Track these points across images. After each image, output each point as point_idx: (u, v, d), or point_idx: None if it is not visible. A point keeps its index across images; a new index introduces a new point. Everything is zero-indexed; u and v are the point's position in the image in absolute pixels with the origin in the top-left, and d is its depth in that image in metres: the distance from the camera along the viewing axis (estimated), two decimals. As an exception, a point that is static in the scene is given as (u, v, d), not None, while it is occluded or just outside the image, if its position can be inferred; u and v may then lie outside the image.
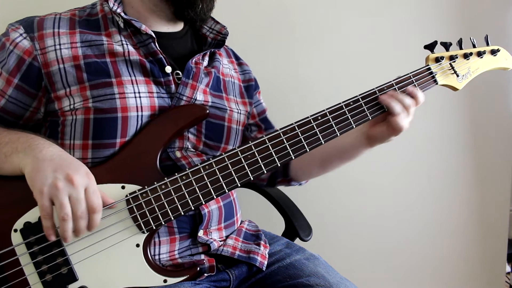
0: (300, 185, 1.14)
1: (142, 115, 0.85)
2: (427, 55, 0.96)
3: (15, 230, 0.76)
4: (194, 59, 0.93)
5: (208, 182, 0.82)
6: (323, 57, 1.53)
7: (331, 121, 0.88)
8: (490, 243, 1.81)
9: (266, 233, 1.07)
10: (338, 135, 0.88)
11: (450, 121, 1.69)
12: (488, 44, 0.99)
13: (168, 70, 0.90)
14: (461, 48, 0.98)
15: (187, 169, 0.82)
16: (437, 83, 0.95)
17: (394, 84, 0.91)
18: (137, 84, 0.87)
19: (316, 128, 0.87)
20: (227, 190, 0.82)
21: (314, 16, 1.51)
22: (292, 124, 0.86)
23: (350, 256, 1.68)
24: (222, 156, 0.83)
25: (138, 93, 0.86)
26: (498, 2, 1.63)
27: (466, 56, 0.97)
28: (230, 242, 0.95)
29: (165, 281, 0.80)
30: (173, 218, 0.80)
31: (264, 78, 1.14)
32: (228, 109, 0.98)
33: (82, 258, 0.78)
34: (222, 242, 0.94)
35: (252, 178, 0.83)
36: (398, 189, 1.69)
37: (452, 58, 0.96)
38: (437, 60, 0.95)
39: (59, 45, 0.85)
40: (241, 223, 1.04)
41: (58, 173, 0.72)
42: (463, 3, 1.61)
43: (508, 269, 1.95)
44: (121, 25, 0.91)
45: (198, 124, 0.92)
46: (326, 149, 0.94)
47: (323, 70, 1.54)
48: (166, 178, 0.81)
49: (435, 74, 0.95)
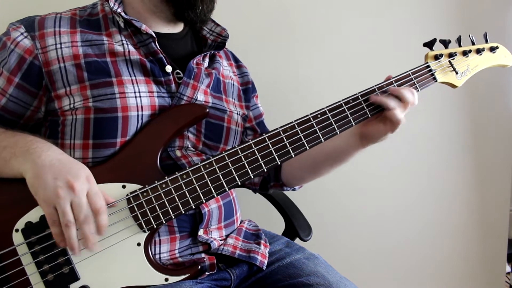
0: (293, 190, 1.13)
1: (142, 115, 0.86)
2: (426, 53, 0.97)
3: (17, 230, 0.76)
4: (195, 60, 0.93)
5: (208, 181, 0.82)
6: (323, 57, 1.53)
7: (331, 119, 0.88)
8: (490, 243, 1.81)
9: (266, 232, 1.08)
10: (338, 133, 0.88)
11: (450, 121, 1.69)
12: (487, 41, 1.00)
13: (168, 69, 0.90)
14: (460, 45, 0.98)
15: (188, 168, 0.82)
16: (436, 81, 0.95)
17: (394, 81, 0.92)
18: (137, 83, 0.87)
19: (316, 126, 0.87)
20: (228, 189, 0.83)
21: (314, 16, 1.51)
22: (292, 122, 0.87)
23: (350, 255, 1.68)
24: (222, 154, 0.83)
25: (139, 92, 0.86)
26: (498, 2, 1.63)
27: (465, 53, 0.97)
28: (230, 241, 0.95)
29: (166, 279, 0.80)
30: (173, 217, 0.80)
31: (264, 79, 1.14)
32: (227, 110, 0.98)
33: (83, 258, 0.78)
34: (223, 241, 0.94)
35: (252, 177, 0.84)
36: (398, 189, 1.69)
37: (451, 55, 0.96)
38: (436, 57, 0.95)
39: (60, 44, 0.86)
40: (241, 223, 1.04)
41: (59, 180, 0.72)
42: (463, 3, 1.61)
43: (508, 269, 1.95)
44: (121, 25, 0.91)
45: (198, 123, 0.93)
46: (317, 153, 0.94)
47: (323, 70, 1.54)
48: (166, 177, 0.81)
49: (434, 72, 0.95)
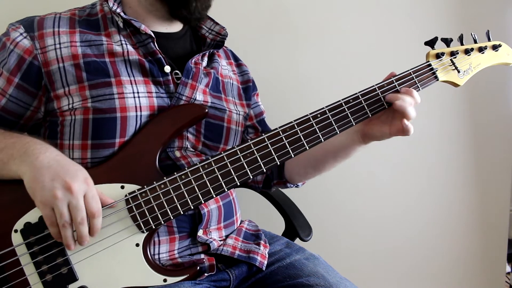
0: (297, 186, 1.13)
1: (141, 115, 0.85)
2: (428, 51, 0.95)
3: (16, 231, 0.76)
4: (193, 59, 0.93)
5: (207, 181, 0.82)
6: (323, 56, 1.53)
7: (331, 118, 0.87)
8: (490, 243, 1.81)
9: (266, 232, 1.07)
10: (338, 133, 0.88)
11: (450, 121, 1.69)
12: (489, 39, 0.98)
13: (167, 69, 0.90)
14: (462, 44, 0.97)
15: (186, 168, 0.82)
16: (437, 79, 0.94)
17: (394, 81, 0.91)
18: (136, 84, 0.87)
19: (315, 125, 0.86)
20: (226, 189, 0.82)
21: (314, 15, 1.51)
22: (291, 122, 0.86)
23: (350, 256, 1.68)
24: (221, 155, 0.83)
25: (137, 93, 0.86)
26: (498, 1, 1.63)
27: (467, 51, 0.96)
28: (230, 241, 0.95)
29: (165, 280, 0.80)
30: (172, 218, 0.80)
31: (263, 78, 1.14)
32: (227, 110, 0.98)
33: (82, 258, 0.78)
34: (222, 242, 0.94)
35: (251, 177, 0.83)
36: (398, 189, 1.69)
37: (453, 54, 0.95)
38: (437, 56, 0.94)
39: (59, 44, 0.86)
40: (241, 223, 1.04)
41: (56, 181, 0.72)
42: (464, 2, 1.61)
43: (508, 269, 1.95)
44: (120, 25, 0.91)
45: (197, 123, 0.93)
46: (319, 150, 0.94)
47: (323, 70, 1.54)
48: (165, 178, 0.81)
49: (436, 70, 0.94)
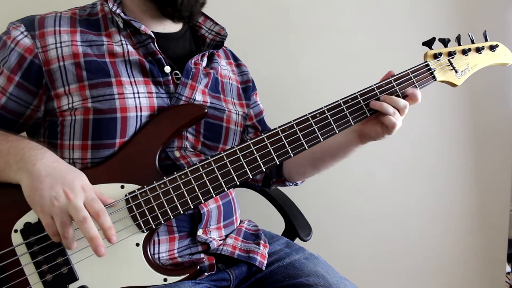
0: (296, 185, 1.14)
1: (141, 115, 0.86)
2: (425, 52, 0.96)
3: (15, 231, 0.76)
4: (193, 60, 0.93)
5: (207, 181, 0.82)
6: (322, 56, 1.53)
7: (329, 118, 0.88)
8: (490, 243, 1.81)
9: (266, 232, 1.08)
10: (337, 133, 0.88)
11: (450, 121, 1.69)
12: (486, 40, 0.99)
13: (167, 70, 0.90)
14: (459, 44, 0.98)
15: (186, 168, 0.82)
16: (435, 80, 0.95)
17: (393, 81, 0.91)
18: (136, 84, 0.87)
19: (314, 125, 0.87)
20: (226, 189, 0.82)
21: (313, 15, 1.51)
22: (290, 122, 0.87)
23: (349, 256, 1.68)
24: (221, 154, 0.83)
25: (137, 93, 0.86)
26: (498, 1, 1.63)
27: (465, 52, 0.97)
28: (229, 241, 0.95)
29: (165, 280, 0.80)
30: (172, 217, 0.80)
31: (263, 78, 1.15)
32: (226, 110, 0.98)
33: (82, 258, 0.78)
34: (222, 242, 0.94)
35: (251, 177, 0.83)
36: (398, 189, 1.69)
37: (450, 54, 0.96)
38: (435, 56, 0.95)
39: (60, 43, 0.86)
40: (240, 223, 1.04)
41: (54, 190, 0.71)
42: (462, 2, 1.61)
43: (508, 269, 1.95)
44: (120, 25, 0.91)
45: (197, 123, 0.93)
46: (318, 148, 0.94)
47: (322, 70, 1.54)
48: (165, 177, 0.81)
49: (434, 71, 0.95)
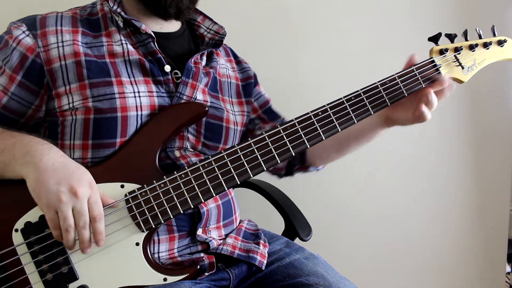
0: (317, 170, 1.14)
1: (142, 115, 0.86)
2: (431, 48, 0.94)
3: (16, 230, 0.76)
4: (193, 59, 0.93)
5: (207, 180, 0.81)
6: (323, 56, 1.53)
7: (332, 116, 0.87)
8: (490, 243, 1.81)
9: (266, 232, 1.07)
10: (339, 131, 0.87)
11: (450, 121, 1.69)
12: (494, 35, 0.96)
13: (167, 69, 0.90)
14: (466, 39, 0.95)
15: (186, 167, 0.82)
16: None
17: (397, 77, 0.90)
18: (136, 84, 0.87)
19: (316, 123, 0.86)
20: (226, 188, 0.82)
21: (314, 15, 1.51)
22: (292, 120, 0.86)
23: (349, 255, 1.68)
24: (222, 154, 0.82)
25: (138, 92, 0.86)
26: (498, 1, 1.63)
27: (472, 47, 0.94)
28: (229, 241, 0.95)
29: (165, 279, 0.80)
30: (172, 217, 0.80)
31: (263, 78, 1.15)
32: (224, 110, 0.98)
33: (82, 257, 0.78)
34: (222, 241, 0.94)
35: (252, 176, 0.83)
36: (398, 189, 1.69)
37: (457, 50, 0.93)
38: (441, 52, 0.93)
39: (62, 42, 0.86)
40: (240, 222, 1.04)
41: (62, 185, 0.72)
42: (463, 2, 1.61)
43: (508, 269, 1.95)
44: (120, 24, 0.91)
45: (198, 123, 0.93)
46: (343, 133, 0.93)
47: (323, 70, 1.54)
48: (165, 177, 0.81)
49: (439, 67, 0.92)
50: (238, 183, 0.83)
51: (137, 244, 0.80)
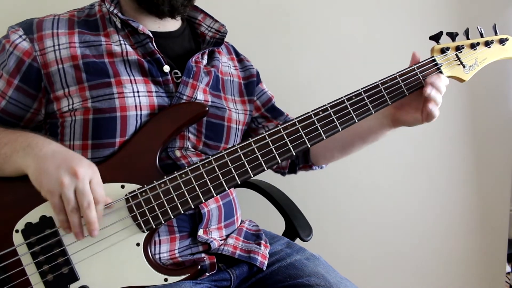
0: (321, 168, 1.14)
1: (141, 114, 0.85)
2: (432, 46, 0.94)
3: (17, 231, 0.76)
4: (193, 58, 0.93)
5: (207, 180, 0.81)
6: (323, 56, 1.53)
7: (333, 115, 0.87)
8: (490, 243, 1.81)
9: (267, 232, 1.07)
10: (340, 130, 0.87)
11: (450, 121, 1.69)
12: (496, 33, 0.96)
13: (166, 69, 0.90)
14: (468, 38, 0.95)
15: (187, 167, 0.81)
16: (442, 75, 0.92)
17: (398, 76, 0.90)
18: (136, 83, 0.87)
19: (317, 123, 0.86)
20: (227, 188, 0.82)
21: (314, 15, 1.51)
22: (292, 119, 0.86)
23: (350, 256, 1.68)
24: (222, 153, 0.82)
25: (137, 92, 0.86)
26: (498, 1, 1.63)
27: (473, 46, 0.94)
28: (230, 241, 0.94)
29: (165, 280, 0.80)
30: (172, 217, 0.80)
31: (263, 78, 1.15)
32: (226, 108, 0.98)
33: (82, 258, 0.78)
34: (223, 242, 0.94)
35: (252, 176, 0.83)
36: (398, 189, 1.69)
37: (458, 48, 0.93)
38: (442, 51, 0.93)
39: (58, 45, 0.86)
40: (241, 223, 1.04)
41: (62, 168, 0.72)
42: (463, 2, 1.62)
43: (508, 269, 1.95)
44: (118, 25, 0.91)
45: (198, 122, 0.92)
46: (348, 133, 0.94)
47: (323, 70, 1.54)
48: (165, 177, 0.81)
49: (441, 66, 0.92)
50: (239, 183, 0.83)
51: (137, 244, 0.80)
